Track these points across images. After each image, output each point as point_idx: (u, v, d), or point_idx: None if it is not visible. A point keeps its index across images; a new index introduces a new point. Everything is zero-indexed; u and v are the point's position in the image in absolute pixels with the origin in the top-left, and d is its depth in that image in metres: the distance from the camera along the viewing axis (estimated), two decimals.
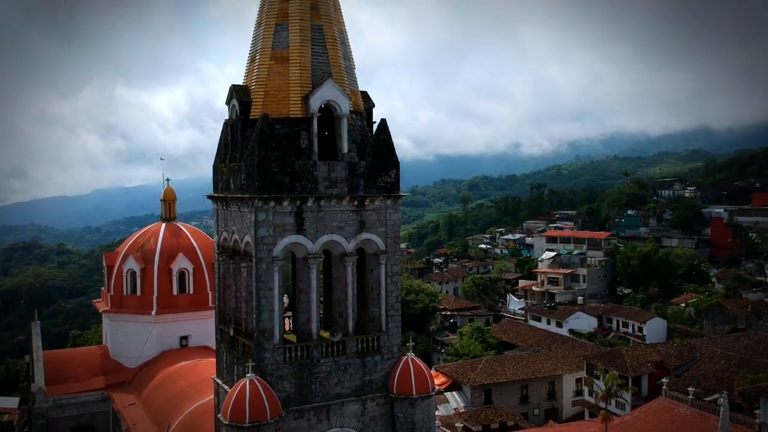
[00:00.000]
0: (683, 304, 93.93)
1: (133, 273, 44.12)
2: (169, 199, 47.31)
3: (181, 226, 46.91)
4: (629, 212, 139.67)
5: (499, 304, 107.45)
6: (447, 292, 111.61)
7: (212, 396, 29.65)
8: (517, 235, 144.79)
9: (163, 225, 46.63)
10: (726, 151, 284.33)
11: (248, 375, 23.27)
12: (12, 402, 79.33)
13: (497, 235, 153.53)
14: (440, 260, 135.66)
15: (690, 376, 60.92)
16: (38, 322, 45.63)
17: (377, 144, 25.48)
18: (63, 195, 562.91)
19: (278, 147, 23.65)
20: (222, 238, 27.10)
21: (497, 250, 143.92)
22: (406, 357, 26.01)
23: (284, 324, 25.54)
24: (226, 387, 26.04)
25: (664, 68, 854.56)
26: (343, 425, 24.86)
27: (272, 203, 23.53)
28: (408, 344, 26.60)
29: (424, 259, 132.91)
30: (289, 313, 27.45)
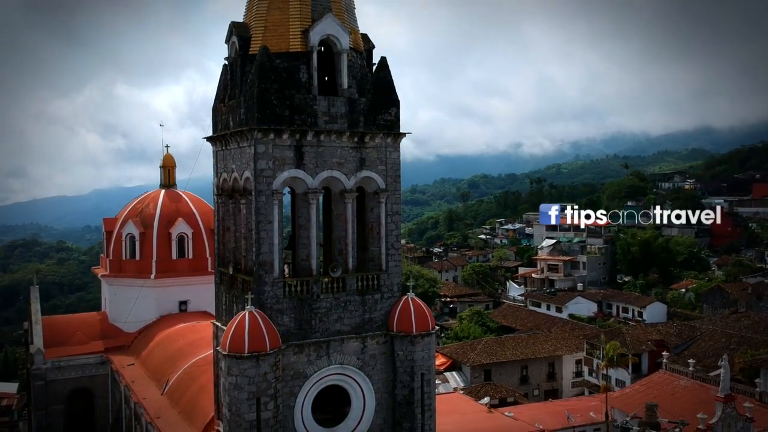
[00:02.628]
0: (683, 290, 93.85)
1: (132, 237, 44.03)
2: (168, 166, 47.21)
3: (181, 193, 46.81)
4: (629, 203, 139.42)
5: (499, 291, 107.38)
6: (447, 280, 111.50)
7: (211, 351, 29.50)
8: (517, 225, 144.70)
9: (162, 191, 46.57)
10: (727, 150, 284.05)
11: (248, 307, 23.17)
12: (11, 387, 79.42)
13: (497, 225, 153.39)
14: (440, 250, 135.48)
15: (690, 353, 60.84)
16: (37, 286, 45.60)
17: (377, 81, 25.45)
18: (63, 195, 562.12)
19: (278, 80, 23.62)
20: (221, 179, 27.03)
21: (497, 240, 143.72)
22: (406, 296, 25.93)
23: (284, 265, 25.37)
24: (225, 328, 25.89)
25: (666, 67, 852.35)
26: (343, 362, 24.78)
27: (272, 135, 23.47)
28: (408, 284, 26.52)
29: (423, 248, 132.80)
30: (288, 259, 27.23)
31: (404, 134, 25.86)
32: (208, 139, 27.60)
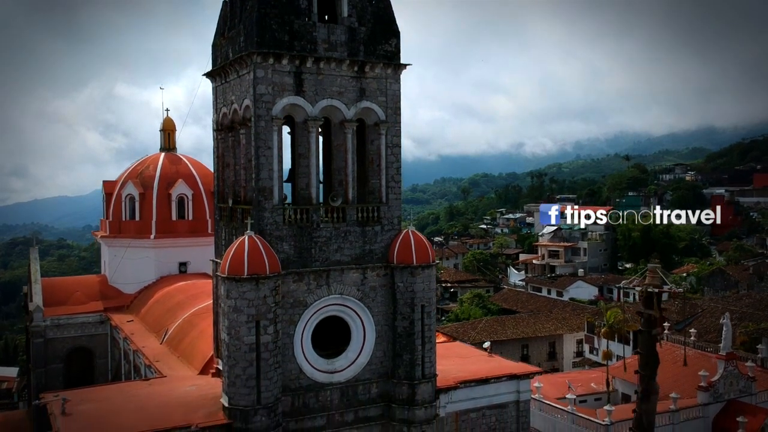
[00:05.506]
0: (684, 274, 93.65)
1: (132, 198, 43.91)
2: (168, 129, 47.09)
3: (181, 156, 46.72)
4: (630, 194, 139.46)
5: (500, 277, 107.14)
6: (447, 267, 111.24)
7: (210, 301, 29.31)
8: (518, 215, 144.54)
9: (162, 154, 46.45)
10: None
11: (247, 232, 23.02)
12: (11, 372, 79.41)
13: (498, 215, 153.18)
14: (440, 239, 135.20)
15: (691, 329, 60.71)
16: (36, 247, 45.49)
17: (377, 12, 25.36)
18: (64, 195, 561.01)
19: (277, 5, 23.54)
20: (221, 114, 26.92)
21: (498, 230, 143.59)
22: (406, 230, 25.83)
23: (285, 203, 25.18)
24: None
25: (669, 66, 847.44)
26: (343, 293, 24.65)
27: (271, 60, 23.36)
28: (409, 219, 26.36)
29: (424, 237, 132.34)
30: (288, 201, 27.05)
31: (405, 65, 25.75)
32: (207, 75, 27.46)
